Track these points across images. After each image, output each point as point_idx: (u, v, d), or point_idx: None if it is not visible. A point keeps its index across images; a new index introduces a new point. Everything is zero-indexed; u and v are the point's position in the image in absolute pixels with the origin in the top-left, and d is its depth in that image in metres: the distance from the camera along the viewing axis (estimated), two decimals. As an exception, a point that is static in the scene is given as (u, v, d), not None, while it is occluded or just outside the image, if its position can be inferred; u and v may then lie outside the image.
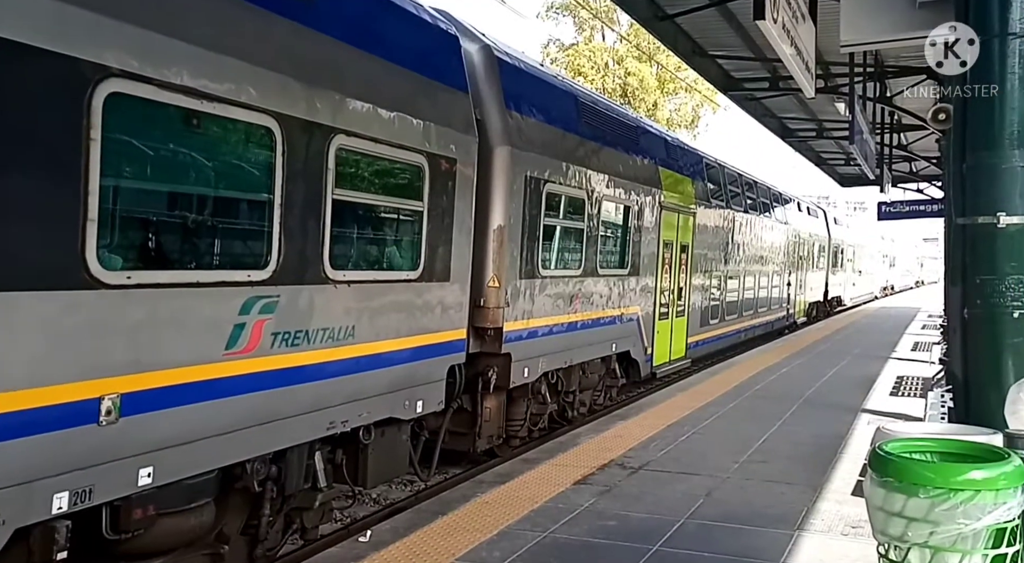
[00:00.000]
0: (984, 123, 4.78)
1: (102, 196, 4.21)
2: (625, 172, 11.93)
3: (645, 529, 5.89)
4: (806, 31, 9.02)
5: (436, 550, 5.38)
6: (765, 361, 15.60)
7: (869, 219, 42.09)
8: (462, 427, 8.86)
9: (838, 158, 26.44)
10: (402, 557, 5.27)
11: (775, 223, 22.54)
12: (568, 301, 10.26)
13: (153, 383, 4.54)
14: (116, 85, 4.25)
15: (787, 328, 24.71)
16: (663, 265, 13.77)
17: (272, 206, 5.36)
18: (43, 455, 3.99)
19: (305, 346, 5.71)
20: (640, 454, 8.08)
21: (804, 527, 6.04)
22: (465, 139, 7.71)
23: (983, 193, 4.81)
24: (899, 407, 11.02)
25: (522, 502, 6.43)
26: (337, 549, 5.57)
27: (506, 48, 9.66)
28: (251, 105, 5.13)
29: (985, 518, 3.46)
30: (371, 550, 5.38)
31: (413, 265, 7.03)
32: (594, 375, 11.59)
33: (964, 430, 4.46)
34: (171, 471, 4.70)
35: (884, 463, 3.69)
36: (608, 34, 39.63)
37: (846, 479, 7.38)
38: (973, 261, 4.86)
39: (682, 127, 40.13)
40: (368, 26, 6.58)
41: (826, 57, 13.23)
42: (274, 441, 5.53)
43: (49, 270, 4.01)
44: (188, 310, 4.80)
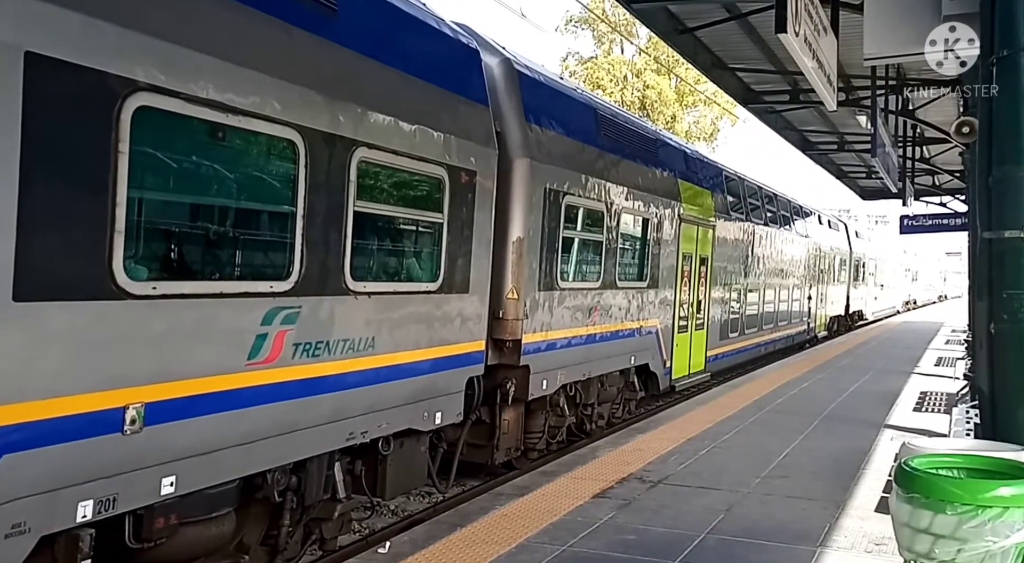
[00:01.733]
0: (1011, 136, 4.73)
1: (129, 208, 4.27)
2: (644, 184, 11.92)
3: (665, 543, 5.85)
4: (828, 44, 9.00)
5: (454, 562, 5.36)
6: (785, 375, 15.49)
7: (891, 232, 41.80)
8: (480, 439, 8.85)
9: (859, 171, 26.30)
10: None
11: (795, 236, 22.40)
12: (587, 313, 10.25)
13: (177, 393, 4.58)
14: (144, 99, 4.32)
15: (808, 342, 24.51)
16: (682, 278, 13.72)
17: (294, 218, 5.41)
18: (68, 464, 4.03)
19: (326, 357, 5.74)
20: (659, 468, 8.04)
21: (827, 544, 5.98)
22: (485, 151, 7.75)
23: (1010, 207, 4.77)
24: (923, 423, 10.91)
25: (541, 515, 6.41)
26: (356, 560, 5.59)
27: (526, 61, 9.70)
28: (274, 118, 5.19)
29: (1014, 536, 3.42)
30: (389, 561, 5.39)
31: (433, 277, 7.06)
32: (613, 388, 11.54)
33: (992, 446, 4.41)
34: (193, 480, 4.73)
35: (911, 479, 3.66)
36: (627, 47, 39.79)
37: (869, 495, 7.30)
38: (1000, 275, 4.80)
39: (701, 139, 40.10)
40: (390, 39, 6.64)
41: (848, 70, 13.19)
42: (294, 451, 5.55)
43: (78, 281, 4.07)
44: (211, 320, 4.84)
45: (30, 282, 3.83)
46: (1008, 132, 4.75)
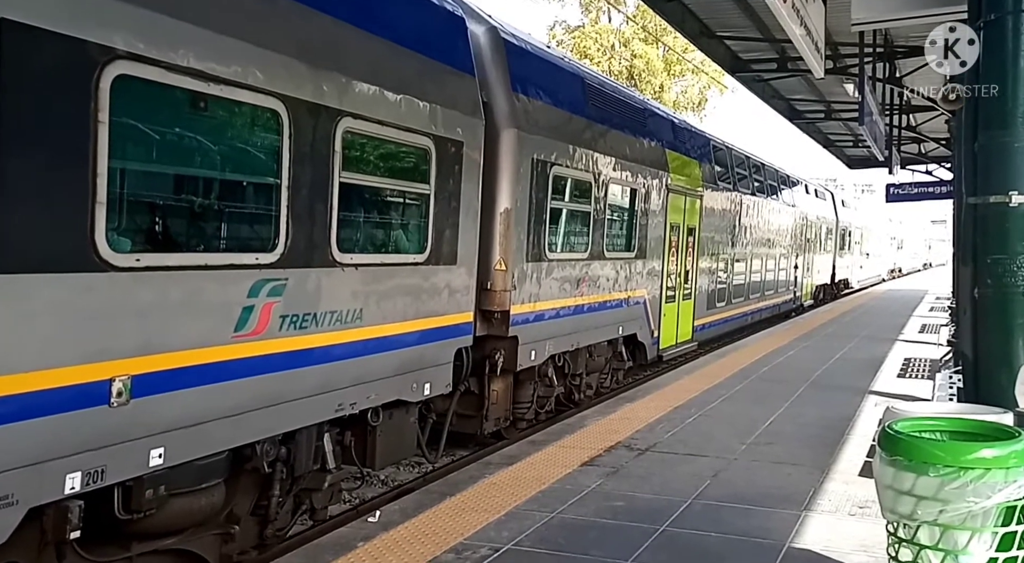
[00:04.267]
0: (996, 102, 4.69)
1: (111, 179, 4.22)
2: (632, 155, 11.89)
3: (652, 509, 5.91)
4: (816, 10, 8.96)
5: (444, 530, 5.42)
6: (772, 344, 15.61)
7: (877, 201, 41.96)
8: (469, 410, 8.91)
9: (846, 140, 26.32)
10: (411, 537, 5.31)
11: (782, 205, 22.45)
12: (575, 284, 10.26)
13: (163, 365, 4.56)
14: (123, 67, 4.25)
15: (794, 311, 24.69)
16: (670, 248, 13.75)
17: (279, 189, 5.36)
18: (55, 436, 4.02)
19: (313, 329, 5.73)
20: (647, 436, 8.10)
21: (811, 507, 6.05)
22: (472, 122, 7.69)
23: (995, 172, 4.74)
24: (907, 389, 11.03)
25: (530, 483, 6.45)
26: (347, 529, 5.61)
27: (512, 30, 9.61)
28: (257, 87, 5.12)
29: (995, 496, 3.46)
30: (380, 530, 5.42)
31: (420, 248, 7.04)
32: (601, 358, 11.61)
33: (974, 409, 4.42)
34: (182, 452, 4.74)
35: (894, 442, 3.68)
36: (615, 16, 39.46)
37: (853, 460, 7.39)
38: (984, 241, 4.79)
39: (689, 109, 39.93)
40: (374, 7, 6.55)
41: (835, 37, 13.14)
42: (283, 423, 5.56)
43: (60, 253, 4.03)
44: (197, 293, 4.81)
45: (12, 254, 3.79)
46: (994, 98, 4.74)
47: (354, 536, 5.34)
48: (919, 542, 3.64)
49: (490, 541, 5.23)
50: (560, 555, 5.06)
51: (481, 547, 5.12)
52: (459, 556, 4.99)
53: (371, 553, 5.03)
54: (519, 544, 5.21)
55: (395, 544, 5.19)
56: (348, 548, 5.10)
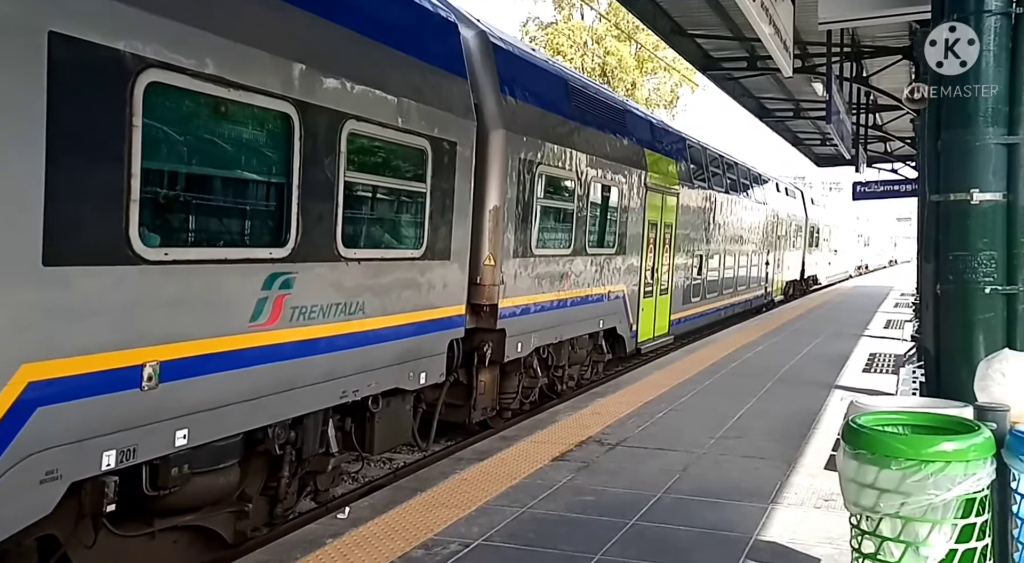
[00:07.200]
0: (958, 101, 4.75)
1: (143, 179, 4.53)
2: (613, 154, 12.30)
3: (622, 504, 5.93)
4: (784, 10, 9.26)
5: (414, 526, 5.40)
6: (743, 339, 15.86)
7: (844, 199, 42.77)
8: (458, 399, 9.21)
9: (814, 138, 26.85)
10: (380, 533, 5.28)
11: (754, 203, 23.00)
12: (559, 279, 10.65)
13: (188, 352, 4.88)
14: (154, 75, 4.55)
15: (765, 306, 25.25)
16: (648, 244, 14.18)
17: (291, 187, 5.69)
18: (94, 416, 4.33)
19: (320, 320, 6.06)
20: (617, 431, 8.13)
21: (778, 500, 6.11)
22: (464, 123, 8.04)
23: (957, 170, 4.80)
24: (871, 383, 11.18)
25: (500, 479, 6.46)
26: (315, 526, 5.53)
27: (500, 34, 9.95)
28: (272, 92, 5.44)
29: (955, 489, 3.51)
30: (350, 527, 5.38)
31: (417, 244, 7.38)
32: (582, 350, 12.01)
33: (935, 403, 4.46)
34: (204, 433, 5.06)
35: (857, 435, 3.74)
36: (587, 12, 39.85)
37: (819, 454, 7.47)
38: (946, 237, 4.85)
39: (661, 106, 40.47)
40: (376, 15, 6.87)
41: (804, 37, 13.43)
42: (293, 408, 5.89)
43: (100, 247, 4.34)
44: (217, 285, 5.14)
45: (58, 249, 4.10)
46: (956, 97, 4.76)
47: (323, 533, 5.29)
48: (881, 534, 3.66)
49: (460, 536, 5.22)
50: (530, 550, 5.07)
51: (451, 543, 5.12)
52: (429, 552, 4.97)
53: (340, 550, 5.00)
54: (489, 539, 5.21)
55: (364, 540, 5.15)
56: (317, 545, 5.06)
